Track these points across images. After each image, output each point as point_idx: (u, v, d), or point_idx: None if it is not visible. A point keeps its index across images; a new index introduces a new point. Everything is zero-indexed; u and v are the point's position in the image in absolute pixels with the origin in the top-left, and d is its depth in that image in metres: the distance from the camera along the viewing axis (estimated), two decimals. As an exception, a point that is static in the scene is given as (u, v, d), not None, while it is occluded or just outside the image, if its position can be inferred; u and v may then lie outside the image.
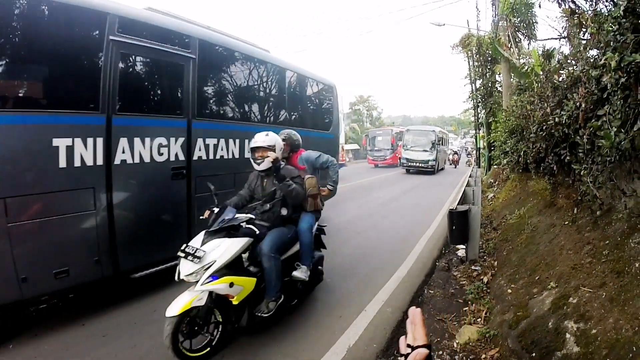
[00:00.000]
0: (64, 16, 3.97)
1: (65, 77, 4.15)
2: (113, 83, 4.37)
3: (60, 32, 3.97)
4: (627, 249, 3.37)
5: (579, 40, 5.15)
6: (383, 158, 31.82)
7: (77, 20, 4.10)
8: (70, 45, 4.08)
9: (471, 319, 4.53)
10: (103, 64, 4.30)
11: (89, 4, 4.18)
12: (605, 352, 2.62)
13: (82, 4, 4.12)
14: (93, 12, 4.21)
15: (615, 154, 3.46)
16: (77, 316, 4.38)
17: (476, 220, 6.15)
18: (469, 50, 20.45)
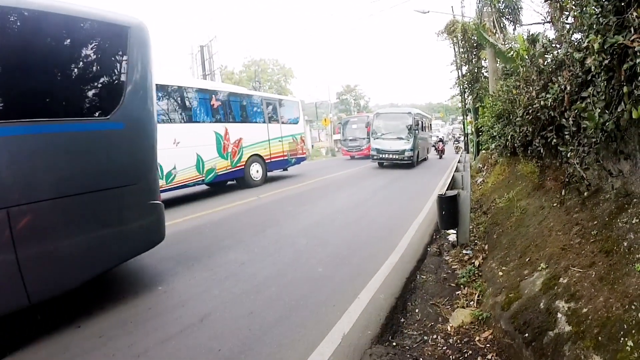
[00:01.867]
0: None
1: None
2: None
3: None
4: (615, 229, 3.42)
5: (563, 24, 5.18)
6: (359, 148, 28.19)
7: None
8: None
9: (464, 302, 4.59)
10: None
11: None
12: (596, 330, 2.67)
13: None
14: None
15: (601, 134, 3.51)
16: (72, 318, 4.36)
17: (466, 205, 6.19)
18: (455, 36, 20.47)
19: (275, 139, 15.98)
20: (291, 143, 17.26)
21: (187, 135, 11.60)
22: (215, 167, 12.56)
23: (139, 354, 3.63)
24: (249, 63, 56.77)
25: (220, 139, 12.92)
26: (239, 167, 13.78)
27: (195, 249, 6.87)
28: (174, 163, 10.97)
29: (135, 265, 6.11)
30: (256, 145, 14.72)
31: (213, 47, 30.64)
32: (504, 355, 3.47)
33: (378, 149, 20.82)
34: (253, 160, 14.49)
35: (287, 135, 16.99)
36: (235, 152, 13.57)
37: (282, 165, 16.87)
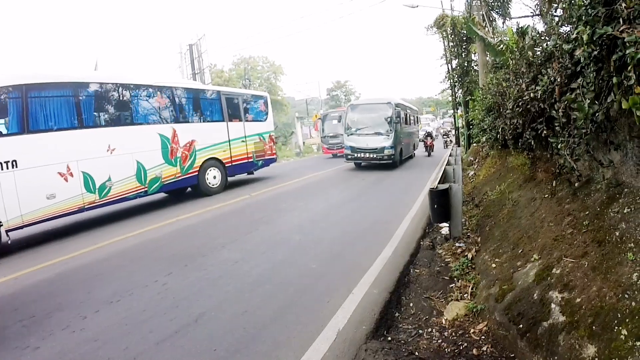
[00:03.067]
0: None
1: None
2: None
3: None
4: (607, 219, 3.44)
5: (552, 16, 5.19)
6: (340, 146, 23.39)
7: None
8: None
9: (458, 295, 4.61)
10: None
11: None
12: (590, 319, 2.68)
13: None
14: None
15: (591, 125, 3.52)
16: (67, 322, 4.36)
17: (458, 198, 6.21)
18: (444, 30, 20.51)
19: (237, 139, 14.12)
20: (257, 143, 15.30)
21: (124, 140, 9.91)
22: (160, 176, 10.85)
23: (135, 357, 3.61)
24: (238, 61, 56.55)
25: (167, 143, 11.17)
26: (191, 173, 12.03)
27: (188, 248, 6.85)
28: (108, 174, 9.39)
29: (128, 266, 6.09)
30: (213, 147, 12.94)
31: (202, 46, 30.49)
32: (499, 347, 3.49)
33: (353, 147, 17.81)
34: (209, 164, 12.77)
35: (253, 134, 15.01)
36: (186, 156, 11.81)
37: (247, 168, 14.90)
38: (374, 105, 18.59)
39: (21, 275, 6.01)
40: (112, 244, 7.44)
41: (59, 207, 8.33)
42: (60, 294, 5.20)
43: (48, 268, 6.26)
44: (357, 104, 19.74)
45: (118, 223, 9.32)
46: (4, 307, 4.94)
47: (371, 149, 17.33)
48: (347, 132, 18.18)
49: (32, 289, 5.47)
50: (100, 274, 5.86)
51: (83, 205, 8.82)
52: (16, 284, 5.70)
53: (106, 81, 9.86)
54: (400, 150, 18.57)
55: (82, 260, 6.54)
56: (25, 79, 8.08)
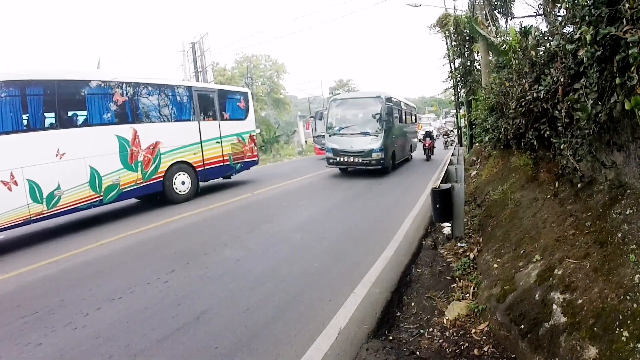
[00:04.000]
0: None
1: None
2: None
3: None
4: (609, 220, 3.43)
5: (555, 16, 5.18)
6: None
7: None
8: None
9: (459, 295, 4.61)
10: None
11: None
12: (592, 321, 2.68)
13: None
14: None
15: (594, 126, 3.51)
16: (70, 320, 4.40)
17: (460, 198, 6.21)
18: (447, 30, 20.45)
19: (211, 140, 12.75)
20: (235, 144, 13.87)
21: (75, 143, 8.75)
22: (118, 183, 9.62)
23: (136, 354, 3.62)
24: (241, 59, 56.48)
25: (126, 145, 9.88)
26: (155, 179, 10.67)
27: (190, 246, 6.86)
28: (57, 181, 8.33)
29: (130, 264, 6.10)
30: (182, 149, 11.57)
31: (204, 44, 30.47)
32: (500, 347, 3.49)
33: (335, 149, 15.28)
34: (177, 169, 11.42)
35: (230, 134, 13.61)
36: (149, 160, 10.47)
37: (222, 172, 13.53)
38: (361, 100, 16.33)
39: (23, 272, 6.02)
40: (114, 242, 7.45)
41: (1, 220, 7.43)
42: (62, 290, 5.21)
43: (50, 265, 6.28)
44: (341, 99, 17.08)
45: (120, 221, 9.33)
46: (6, 303, 4.96)
47: (356, 151, 14.90)
48: (328, 132, 15.79)
49: (35, 285, 5.49)
50: (102, 271, 5.87)
51: (29, 217, 7.89)
52: (18, 280, 5.72)
53: (53, 78, 8.60)
54: (392, 153, 16.23)
55: (84, 258, 6.56)
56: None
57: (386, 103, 15.29)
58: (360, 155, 14.78)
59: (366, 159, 14.69)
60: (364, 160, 14.76)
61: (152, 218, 9.34)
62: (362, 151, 14.73)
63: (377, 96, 15.47)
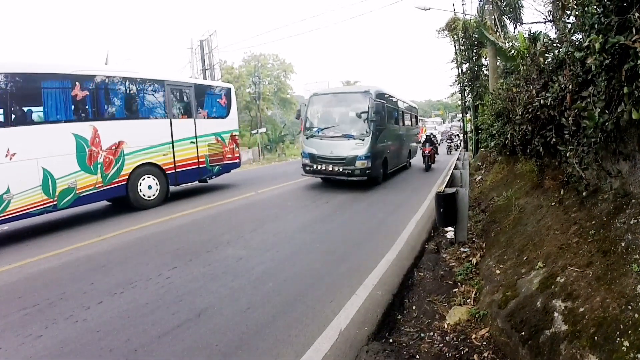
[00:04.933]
0: None
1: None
2: None
3: None
4: (613, 229, 3.42)
5: (564, 23, 5.17)
6: None
7: None
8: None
9: (461, 299, 4.60)
10: None
11: None
12: (593, 330, 2.67)
13: None
14: None
15: (600, 134, 3.50)
16: (71, 313, 4.43)
17: (464, 203, 6.20)
18: (455, 34, 20.46)
19: (184, 140, 11.55)
20: (213, 145, 12.64)
21: (27, 142, 7.93)
22: (75, 186, 8.62)
23: (136, 349, 3.63)
24: (248, 58, 56.51)
25: (84, 145, 8.86)
26: (118, 182, 9.57)
27: (193, 243, 6.87)
28: (7, 184, 7.55)
29: (132, 259, 6.12)
30: (149, 150, 10.41)
31: (213, 42, 30.54)
32: (500, 354, 3.48)
33: (312, 154, 12.91)
34: (143, 171, 10.25)
35: (207, 134, 12.42)
36: (111, 162, 9.39)
37: (197, 176, 12.25)
38: (345, 96, 13.85)
39: (26, 264, 6.06)
40: (117, 236, 7.48)
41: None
42: (64, 283, 5.24)
43: (52, 258, 6.31)
44: (322, 94, 14.28)
45: (123, 215, 9.36)
46: (8, 295, 4.99)
47: (337, 158, 12.42)
48: (306, 134, 13.46)
49: (36, 278, 5.52)
50: (104, 265, 5.89)
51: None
52: (21, 272, 5.75)
53: (4, 71, 7.73)
54: (384, 160, 13.92)
55: (86, 251, 6.59)
56: None
57: (376, 100, 12.83)
58: (341, 163, 12.35)
59: (348, 167, 12.23)
60: (346, 170, 12.27)
61: (155, 214, 9.37)
62: (343, 158, 12.30)
63: (364, 91, 12.95)
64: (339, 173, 12.36)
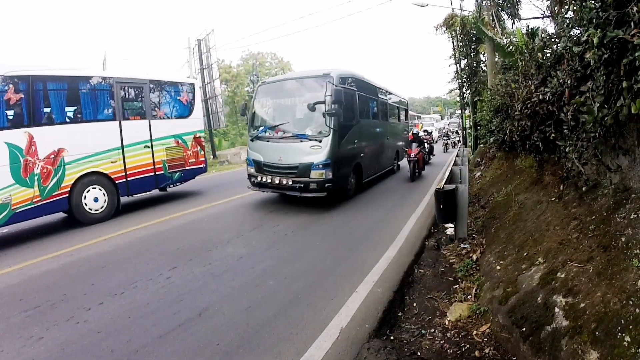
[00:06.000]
0: None
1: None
2: None
3: None
4: (613, 224, 3.42)
5: (562, 18, 5.16)
6: None
7: None
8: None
9: (461, 296, 4.60)
10: None
11: None
12: (594, 325, 2.67)
13: None
14: None
15: (600, 129, 3.50)
16: (71, 314, 4.43)
17: (464, 199, 6.19)
18: (453, 30, 20.36)
19: (137, 144, 9.99)
20: (173, 149, 11.01)
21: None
22: (9, 202, 7.59)
23: (137, 349, 3.63)
24: (247, 57, 56.49)
25: (19, 155, 7.74)
26: (59, 195, 8.30)
27: (193, 243, 6.87)
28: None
29: (133, 259, 6.11)
30: (95, 157, 9.00)
31: (210, 41, 30.46)
32: (502, 350, 3.49)
33: (258, 161, 9.90)
34: (89, 182, 8.90)
35: (166, 136, 10.80)
36: (50, 172, 8.14)
37: (154, 184, 10.58)
38: (298, 83, 10.39)
39: (26, 266, 6.05)
40: (117, 237, 7.48)
41: None
42: (65, 285, 5.23)
43: (53, 259, 6.31)
44: (271, 82, 11.19)
45: (124, 216, 9.33)
46: (9, 297, 4.98)
47: (286, 167, 9.34)
48: (251, 134, 10.55)
49: (37, 279, 5.51)
50: (104, 266, 5.89)
51: None
52: (21, 274, 5.74)
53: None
54: (355, 167, 10.74)
55: (86, 252, 6.59)
56: None
57: (339, 87, 9.49)
58: (291, 173, 9.24)
59: (301, 180, 9.10)
60: (298, 183, 9.13)
61: (155, 214, 9.34)
62: (294, 167, 9.19)
63: (323, 75, 9.60)
64: (289, 187, 9.29)
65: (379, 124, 13.88)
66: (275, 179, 9.41)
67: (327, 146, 9.05)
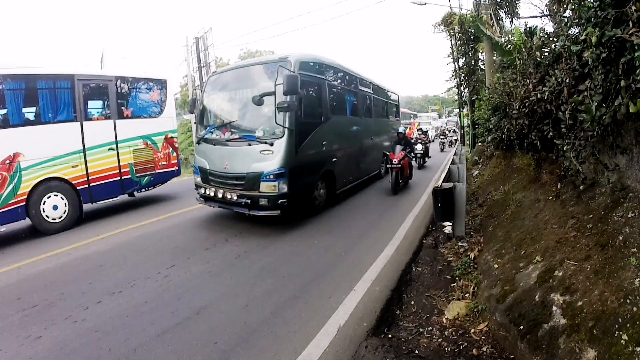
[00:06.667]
0: None
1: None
2: None
3: None
4: (611, 223, 3.43)
5: (561, 17, 5.17)
6: None
7: None
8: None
9: (459, 294, 4.61)
10: None
11: None
12: (591, 323, 2.68)
13: None
14: None
15: (597, 128, 3.50)
16: (70, 314, 4.38)
17: (462, 197, 6.20)
18: (452, 28, 20.36)
19: (100, 146, 9.09)
20: (141, 150, 10.05)
21: None
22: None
23: (135, 348, 3.63)
24: (244, 55, 56.21)
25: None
26: (15, 204, 7.60)
27: (191, 241, 6.86)
28: None
29: (130, 258, 6.11)
30: (54, 161, 8.19)
31: (208, 39, 30.41)
32: (499, 348, 3.49)
33: (204, 169, 8.18)
34: (47, 188, 8.12)
35: (133, 137, 9.85)
36: (5, 179, 7.49)
37: (119, 190, 9.63)
38: (250, 72, 8.44)
39: (24, 265, 6.04)
40: (115, 235, 7.46)
41: None
42: (63, 284, 5.22)
43: (51, 258, 6.30)
44: (222, 71, 9.17)
45: (121, 215, 9.31)
46: (7, 296, 4.97)
47: (233, 177, 7.55)
48: (198, 136, 8.68)
49: (35, 278, 5.50)
50: (102, 265, 5.88)
51: None
52: (19, 273, 5.73)
53: None
54: (324, 175, 8.73)
55: (84, 251, 6.58)
56: None
57: (299, 73, 7.35)
58: (238, 185, 7.41)
59: (249, 194, 7.23)
60: (245, 198, 7.25)
61: (153, 213, 9.36)
62: (241, 177, 7.35)
63: (278, 59, 7.62)
64: (235, 203, 7.42)
65: (359, 121, 11.61)
66: (220, 192, 7.62)
67: (281, 151, 7.10)
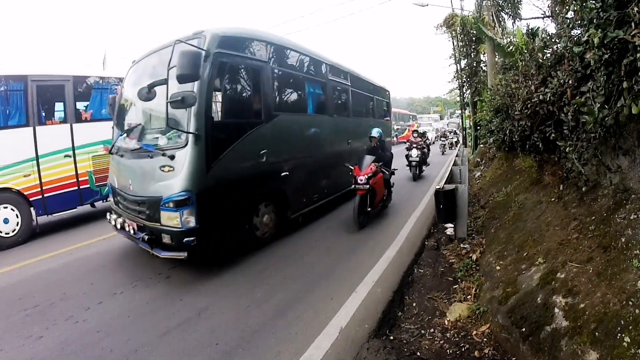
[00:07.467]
0: None
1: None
2: None
3: None
4: (613, 224, 3.42)
5: (563, 18, 5.16)
6: None
7: None
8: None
9: (461, 296, 4.60)
10: None
11: None
12: (593, 325, 2.67)
13: None
14: None
15: (600, 130, 3.49)
16: (72, 314, 4.41)
17: (464, 199, 6.19)
18: (453, 30, 20.35)
19: (56, 153, 8.10)
20: (101, 157, 8.85)
21: None
22: None
23: (137, 349, 3.63)
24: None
25: None
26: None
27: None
28: None
29: (132, 259, 6.10)
30: (4, 171, 7.30)
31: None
32: (501, 350, 3.48)
33: (113, 187, 6.45)
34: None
35: (93, 142, 8.76)
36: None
37: (77, 201, 8.61)
38: (161, 56, 5.80)
39: (26, 265, 6.05)
40: (117, 236, 7.41)
41: None
42: (64, 284, 5.22)
43: (53, 258, 6.30)
44: (141, 59, 6.63)
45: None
46: (9, 296, 4.97)
47: (134, 201, 5.66)
48: (112, 144, 6.80)
49: (37, 278, 5.50)
50: (104, 265, 5.88)
51: None
52: (21, 273, 5.73)
53: None
54: (273, 196, 6.72)
55: (86, 252, 6.58)
56: None
57: (198, 51, 5.06)
58: (139, 212, 5.58)
59: (151, 225, 5.29)
60: (143, 231, 5.39)
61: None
62: (142, 203, 5.49)
63: (190, 36, 5.45)
64: (136, 238, 5.52)
65: (328, 121, 8.97)
66: (120, 220, 5.88)
67: (184, 167, 5.01)
